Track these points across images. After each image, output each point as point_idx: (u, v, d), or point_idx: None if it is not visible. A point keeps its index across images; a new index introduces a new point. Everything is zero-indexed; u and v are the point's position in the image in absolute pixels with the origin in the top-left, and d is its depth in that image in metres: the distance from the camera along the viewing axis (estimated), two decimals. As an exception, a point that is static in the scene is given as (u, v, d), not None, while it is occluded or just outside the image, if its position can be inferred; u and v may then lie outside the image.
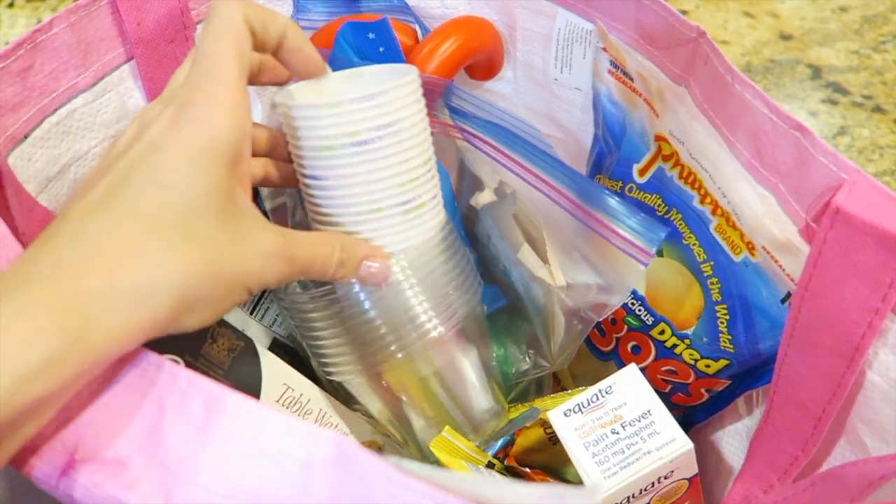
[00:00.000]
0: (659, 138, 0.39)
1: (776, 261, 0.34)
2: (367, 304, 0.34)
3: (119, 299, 0.22)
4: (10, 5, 0.84)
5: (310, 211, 0.33)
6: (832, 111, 0.72)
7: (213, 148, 0.25)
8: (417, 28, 0.41)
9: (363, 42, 0.37)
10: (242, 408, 0.20)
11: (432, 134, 0.41)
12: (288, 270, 0.28)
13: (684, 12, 0.82)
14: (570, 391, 0.42)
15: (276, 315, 0.46)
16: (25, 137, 0.33)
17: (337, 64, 0.37)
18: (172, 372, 0.21)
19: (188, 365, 0.33)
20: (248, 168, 0.27)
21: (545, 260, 0.39)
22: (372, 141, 0.30)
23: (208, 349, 0.35)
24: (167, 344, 0.33)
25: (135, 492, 0.19)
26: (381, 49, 0.38)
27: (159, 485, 0.19)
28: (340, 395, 0.40)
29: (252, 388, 0.36)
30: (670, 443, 0.33)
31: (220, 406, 0.20)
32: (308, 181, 0.32)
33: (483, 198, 0.41)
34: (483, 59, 0.39)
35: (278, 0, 0.41)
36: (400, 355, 0.35)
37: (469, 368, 0.38)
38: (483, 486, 0.18)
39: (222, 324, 0.36)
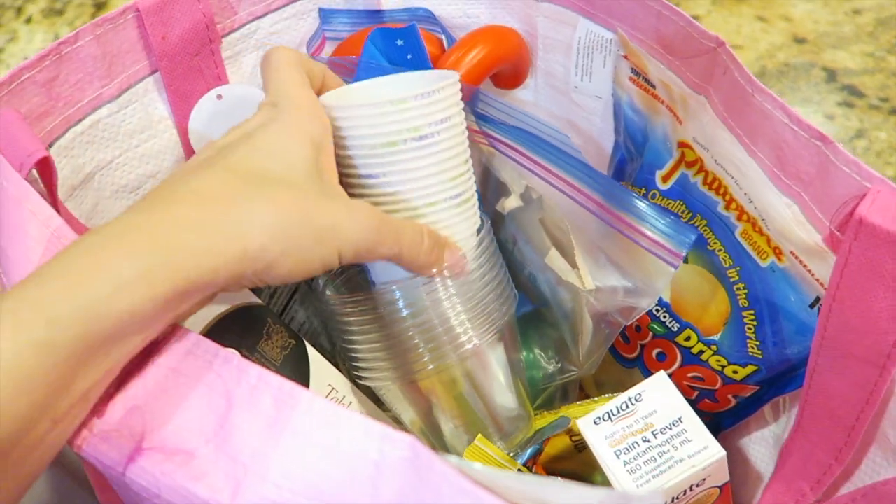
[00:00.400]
0: (682, 145, 0.39)
1: (805, 265, 0.34)
2: (405, 313, 0.34)
3: (211, 226, 0.24)
4: (28, 21, 0.85)
5: None
6: (849, 114, 0.71)
7: (302, 133, 0.28)
8: (443, 38, 0.41)
9: (392, 48, 0.37)
10: (316, 405, 0.20)
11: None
12: (375, 240, 0.29)
13: (696, 17, 0.82)
14: (596, 399, 0.42)
15: (303, 322, 0.46)
16: (50, 146, 0.33)
17: (367, 69, 0.38)
18: (241, 367, 0.21)
19: (244, 359, 0.34)
20: (332, 157, 0.30)
21: (573, 264, 0.39)
22: (431, 136, 0.32)
23: (263, 345, 0.35)
24: (226, 338, 0.33)
25: (204, 483, 0.19)
26: (408, 56, 0.38)
27: (227, 478, 0.19)
28: (370, 398, 0.40)
29: (301, 385, 0.36)
30: (703, 450, 0.33)
31: (292, 402, 0.20)
32: (362, 181, 0.33)
33: (509, 203, 0.41)
34: (509, 68, 0.40)
35: (303, 14, 0.41)
36: (432, 367, 0.35)
37: (495, 366, 0.38)
38: (546, 487, 0.18)
39: (277, 321, 0.36)
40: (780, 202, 0.33)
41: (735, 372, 0.39)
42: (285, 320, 0.47)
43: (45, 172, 0.29)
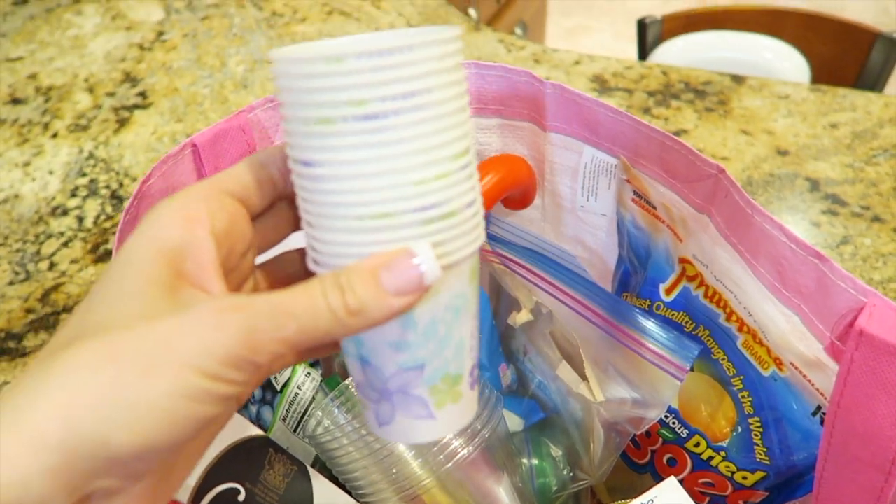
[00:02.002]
0: (683, 261, 0.42)
1: (804, 376, 0.36)
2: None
3: (9, 418, 0.19)
4: (54, 136, 0.89)
5: (301, 213, 0.25)
6: (833, 221, 0.75)
7: (148, 252, 0.22)
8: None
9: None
10: None
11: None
12: (248, 326, 0.21)
13: (684, 131, 0.87)
14: (609, 505, 0.43)
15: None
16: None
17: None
18: None
19: (248, 493, 0.35)
20: (205, 257, 0.23)
21: (583, 376, 0.41)
22: (384, 115, 0.22)
23: (266, 475, 0.36)
24: (229, 473, 0.35)
25: None
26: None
27: None
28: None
29: (305, 508, 0.37)
30: (718, 557, 0.34)
31: None
32: (299, 168, 0.24)
33: (521, 317, 0.43)
34: (518, 193, 0.43)
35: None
36: (427, 481, 0.37)
37: (502, 493, 0.39)
38: None
39: (278, 449, 0.37)
40: (780, 315, 0.35)
41: (744, 478, 0.41)
42: (300, 433, 0.48)
43: None
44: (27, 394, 0.19)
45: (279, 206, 0.27)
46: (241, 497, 0.34)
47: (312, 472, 0.38)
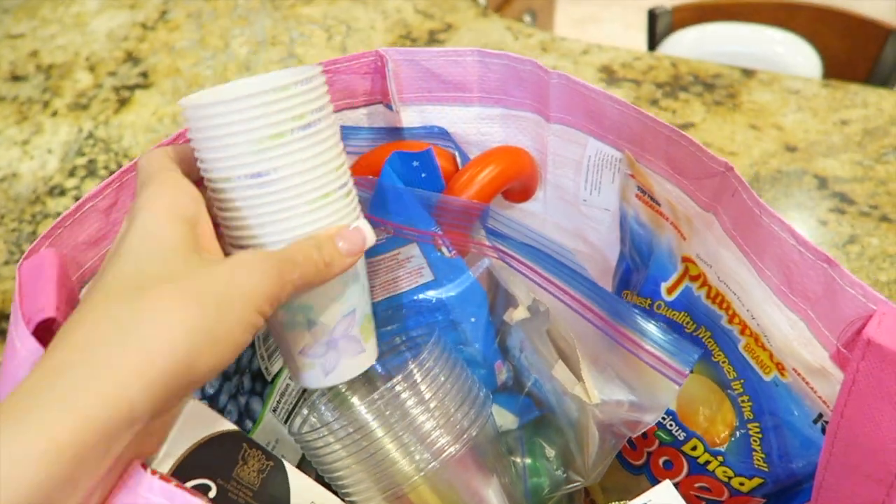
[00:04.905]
0: (686, 259, 0.41)
1: (807, 383, 0.35)
2: (378, 432, 0.36)
3: (116, 346, 0.23)
4: (54, 114, 0.88)
5: (241, 219, 0.32)
6: (841, 220, 0.74)
7: (169, 218, 0.28)
8: (456, 153, 0.43)
9: (408, 169, 0.40)
10: None
11: (469, 253, 0.43)
12: (279, 280, 0.28)
13: (691, 124, 0.86)
14: (603, 506, 0.42)
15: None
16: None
17: (383, 189, 0.39)
18: None
19: (220, 489, 0.34)
20: (208, 224, 0.30)
21: (579, 377, 0.40)
22: (315, 123, 0.31)
23: (239, 471, 0.35)
24: (197, 469, 0.34)
25: None
26: (423, 175, 0.40)
27: None
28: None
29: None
30: (712, 566, 0.33)
31: None
32: (249, 181, 0.30)
33: (517, 314, 0.42)
34: (519, 185, 0.42)
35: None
36: (414, 479, 0.36)
37: (491, 494, 0.39)
38: None
39: (253, 444, 0.36)
40: (784, 320, 0.34)
41: (742, 484, 0.40)
42: (293, 424, 0.47)
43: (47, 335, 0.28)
44: (127, 329, 0.24)
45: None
46: (212, 493, 0.33)
47: (289, 468, 0.37)
